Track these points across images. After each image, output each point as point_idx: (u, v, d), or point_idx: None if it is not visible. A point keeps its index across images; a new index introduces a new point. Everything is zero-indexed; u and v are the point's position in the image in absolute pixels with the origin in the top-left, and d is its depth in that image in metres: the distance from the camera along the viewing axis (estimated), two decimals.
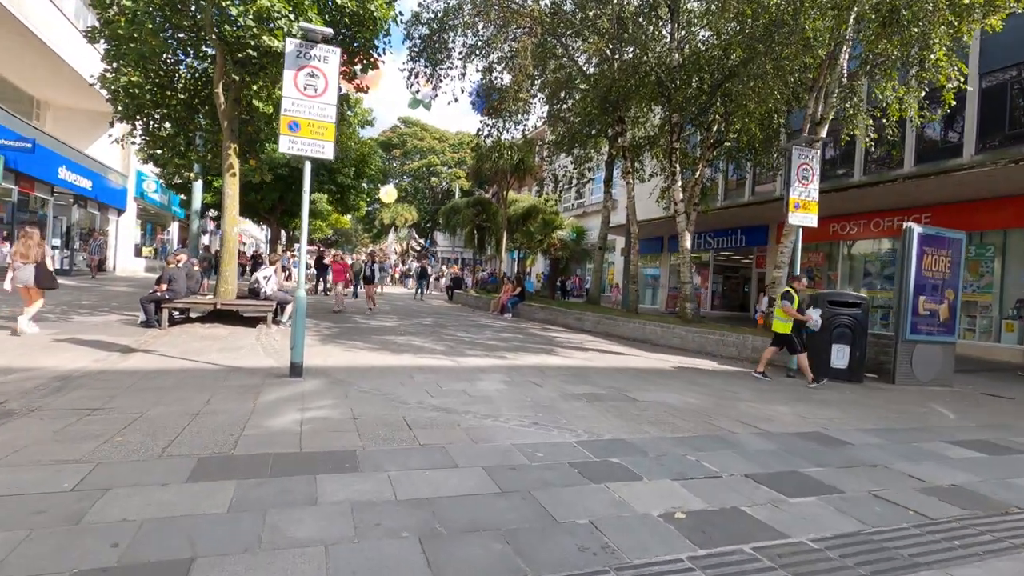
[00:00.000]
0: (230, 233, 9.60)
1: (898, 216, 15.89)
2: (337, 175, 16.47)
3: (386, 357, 7.66)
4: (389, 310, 16.45)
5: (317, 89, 6.00)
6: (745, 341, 10.43)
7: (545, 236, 19.06)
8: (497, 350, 9.08)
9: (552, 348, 9.87)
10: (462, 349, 8.91)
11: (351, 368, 6.70)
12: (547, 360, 8.35)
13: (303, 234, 6.06)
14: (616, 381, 6.95)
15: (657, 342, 11.91)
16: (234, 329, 9.15)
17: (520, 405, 5.28)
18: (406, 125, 52.27)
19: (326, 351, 7.84)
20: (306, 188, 6.03)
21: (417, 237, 54.80)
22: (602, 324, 13.60)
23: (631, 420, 4.97)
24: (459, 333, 11.27)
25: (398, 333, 10.57)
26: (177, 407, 4.51)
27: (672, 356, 10.08)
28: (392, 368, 6.87)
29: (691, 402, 5.97)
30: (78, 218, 20.25)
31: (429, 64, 12.79)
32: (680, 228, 12.20)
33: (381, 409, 4.77)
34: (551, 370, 7.45)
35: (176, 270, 8.85)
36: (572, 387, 6.33)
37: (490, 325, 13.65)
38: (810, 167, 8.66)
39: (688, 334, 11.39)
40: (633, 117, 14.45)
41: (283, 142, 5.86)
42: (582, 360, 8.64)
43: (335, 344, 8.58)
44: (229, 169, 9.58)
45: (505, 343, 10.12)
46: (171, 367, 6.18)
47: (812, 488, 3.53)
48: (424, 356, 7.95)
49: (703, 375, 8.04)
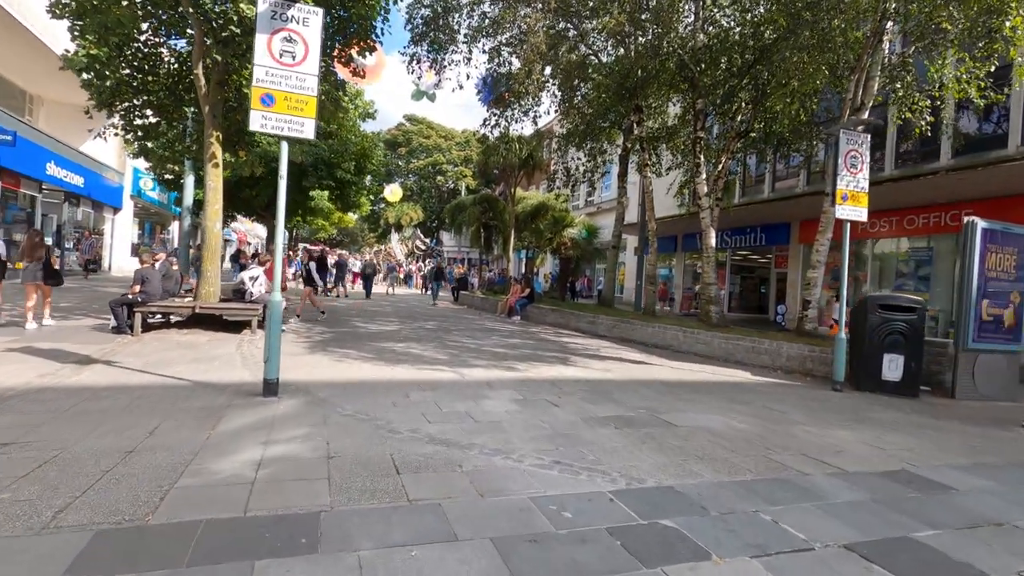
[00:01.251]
0: (212, 229, 8.73)
1: (934, 212, 14.81)
2: (336, 170, 15.60)
3: (380, 369, 6.75)
4: (391, 312, 15.57)
5: (295, 56, 5.09)
6: (779, 349, 9.44)
7: (555, 234, 18.10)
8: (506, 359, 8.15)
9: (566, 356, 8.92)
10: (467, 358, 7.99)
11: (338, 383, 5.80)
12: (562, 371, 7.41)
13: (278, 229, 5.15)
14: (644, 398, 6.00)
15: (679, 348, 10.94)
16: (215, 335, 8.28)
17: (536, 434, 4.35)
18: (412, 123, 51.48)
19: (312, 362, 6.93)
20: (282, 173, 5.13)
21: (422, 236, 54.03)
22: (618, 328, 12.64)
23: (674, 454, 4.03)
24: (464, 339, 10.35)
25: (397, 339, 9.67)
26: (111, 440, 3.61)
27: (698, 365, 9.11)
28: (386, 383, 5.95)
29: (738, 427, 5.02)
30: (68, 216, 19.50)
31: (432, 49, 11.89)
32: (704, 224, 11.22)
33: (365, 442, 3.86)
34: (568, 384, 6.51)
35: (150, 270, 7.98)
36: (595, 407, 5.39)
37: (497, 329, 12.72)
38: (859, 154, 7.68)
39: (714, 340, 10.41)
40: (651, 106, 13.46)
41: (254, 118, 4.96)
42: (601, 371, 7.70)
43: (324, 352, 7.68)
44: (212, 159, 8.72)
45: (514, 351, 9.19)
46: (128, 383, 5.29)
47: (944, 569, 2.58)
48: (424, 367, 7.03)
49: (741, 391, 7.07)
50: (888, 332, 7.81)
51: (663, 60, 10.78)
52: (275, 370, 5.04)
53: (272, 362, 5.01)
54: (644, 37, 10.88)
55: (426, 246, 51.10)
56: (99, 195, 21.52)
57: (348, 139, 15.99)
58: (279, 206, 5.10)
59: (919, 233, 15.38)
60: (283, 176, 5.09)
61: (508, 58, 11.77)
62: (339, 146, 15.49)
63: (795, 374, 8.93)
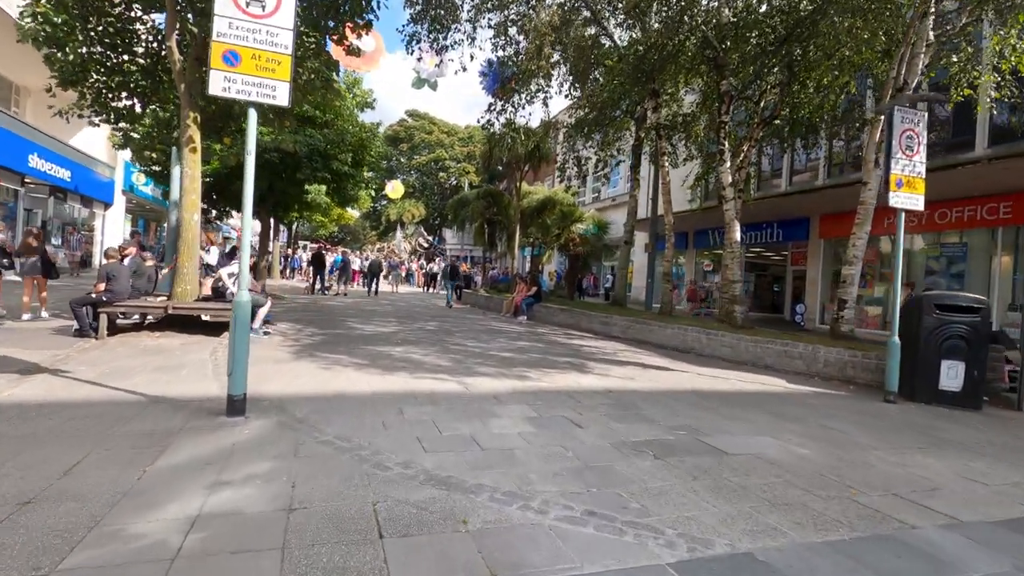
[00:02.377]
0: (189, 221, 7.88)
1: (968, 205, 13.85)
2: (333, 161, 14.74)
3: (372, 378, 5.89)
4: (390, 312, 14.71)
5: (265, 7, 4.23)
6: (815, 354, 8.54)
7: (563, 230, 17.21)
8: (514, 365, 7.28)
9: (581, 362, 8.05)
10: (471, 365, 7.12)
11: (321, 397, 4.94)
12: (579, 380, 6.54)
13: (245, 219, 4.29)
14: (678, 414, 5.13)
15: (701, 352, 10.06)
16: (190, 339, 7.43)
17: (559, 467, 3.48)
18: (414, 118, 50.62)
19: (295, 369, 6.07)
20: (249, 148, 4.26)
21: (425, 234, 53.24)
22: (633, 329, 11.76)
23: (738, 499, 3.15)
24: (468, 342, 9.48)
25: (394, 342, 8.81)
26: (9, 484, 2.76)
27: (726, 371, 8.22)
28: (377, 397, 5.08)
29: (799, 453, 4.14)
30: (55, 212, 18.70)
31: (433, 29, 11.01)
32: (728, 218, 10.32)
33: (342, 484, 2.99)
34: (588, 396, 5.63)
35: (117, 267, 7.14)
36: (624, 427, 4.52)
37: (503, 331, 11.85)
38: (916, 134, 6.79)
39: (740, 343, 9.52)
40: (668, 91, 12.53)
41: (215, 80, 4.10)
42: (622, 379, 6.82)
43: (312, 358, 6.82)
44: (189, 143, 7.86)
45: (523, 355, 8.32)
46: (69, 399, 4.44)
47: None
48: (423, 375, 6.17)
49: (783, 403, 6.18)
50: (947, 336, 6.91)
51: (684, 37, 9.88)
52: (241, 384, 4.18)
53: (237, 375, 4.15)
54: (664, 11, 9.96)
55: (428, 243, 50.29)
56: (88, 190, 20.71)
57: (345, 129, 15.13)
58: (246, 190, 4.24)
59: (951, 228, 14.43)
60: (250, 152, 4.22)
61: (515, 36, 10.86)
62: (335, 136, 14.63)
63: (834, 381, 8.05)
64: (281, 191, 15.24)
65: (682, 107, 13.71)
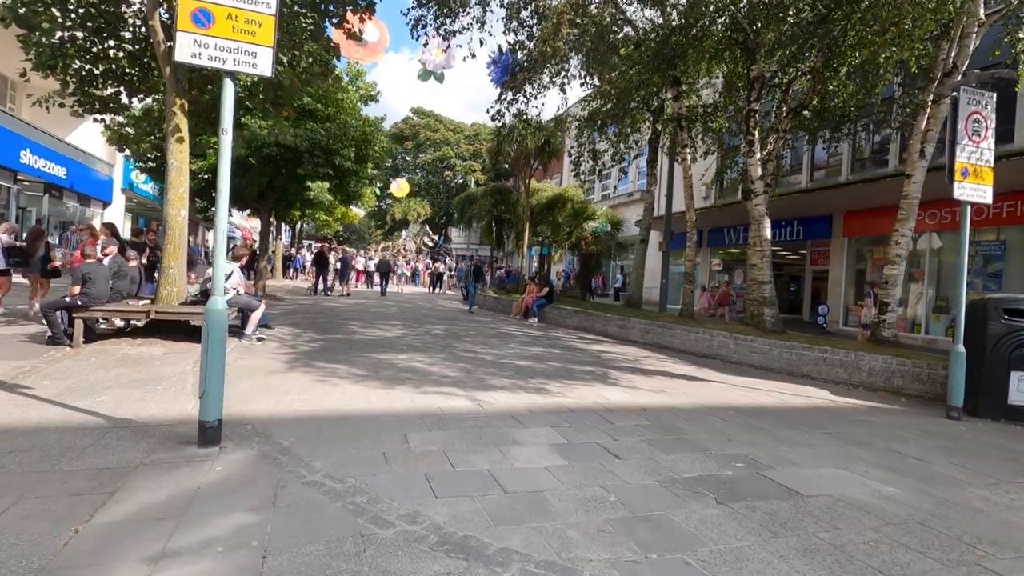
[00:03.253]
0: (176, 217, 7.22)
1: (1008, 200, 13.03)
2: (335, 156, 14.07)
3: (373, 393, 5.20)
4: (395, 314, 14.05)
5: None
6: (858, 362, 7.80)
7: (575, 228, 16.48)
8: (532, 375, 6.58)
9: (604, 371, 7.34)
10: (483, 375, 6.42)
11: (312, 418, 4.25)
12: (605, 394, 5.83)
13: (219, 208, 3.61)
14: (727, 438, 4.42)
15: (729, 358, 9.33)
16: (175, 347, 6.77)
17: (602, 519, 2.78)
18: (419, 116, 49.98)
19: (287, 383, 5.39)
20: (225, 126, 3.57)
21: (431, 233, 52.64)
22: (653, 333, 11.04)
23: (837, 566, 2.44)
24: (478, 348, 8.79)
25: (398, 348, 8.13)
26: None
27: (762, 381, 7.50)
28: (378, 418, 4.40)
29: (888, 493, 3.41)
30: (50, 210, 18.15)
31: (441, 14, 10.32)
32: (758, 213, 9.57)
33: (328, 552, 2.30)
34: (620, 415, 4.93)
35: (94, 268, 6.48)
36: (672, 459, 3.81)
37: (515, 334, 11.16)
38: (983, 117, 6.04)
39: (772, 349, 8.78)
40: (692, 76, 11.77)
41: (183, 44, 3.42)
42: (653, 392, 6.11)
43: (306, 368, 6.14)
44: (175, 133, 7.20)
45: (540, 363, 7.61)
46: (18, 423, 3.78)
47: None
48: (430, 389, 5.48)
49: (840, 420, 5.45)
50: (1018, 344, 6.15)
51: (710, 20, 9.15)
52: (215, 409, 3.50)
53: (211, 398, 3.48)
54: None
55: (434, 242, 49.68)
56: (86, 188, 20.17)
57: (347, 122, 14.46)
58: (221, 176, 3.55)
59: (988, 224, 13.61)
60: (226, 131, 3.53)
61: (529, 18, 10.13)
62: (337, 130, 13.96)
63: (881, 392, 7.32)
64: (281, 188, 14.60)
65: (701, 98, 12.94)
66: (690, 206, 11.87)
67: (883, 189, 14.38)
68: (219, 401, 3.52)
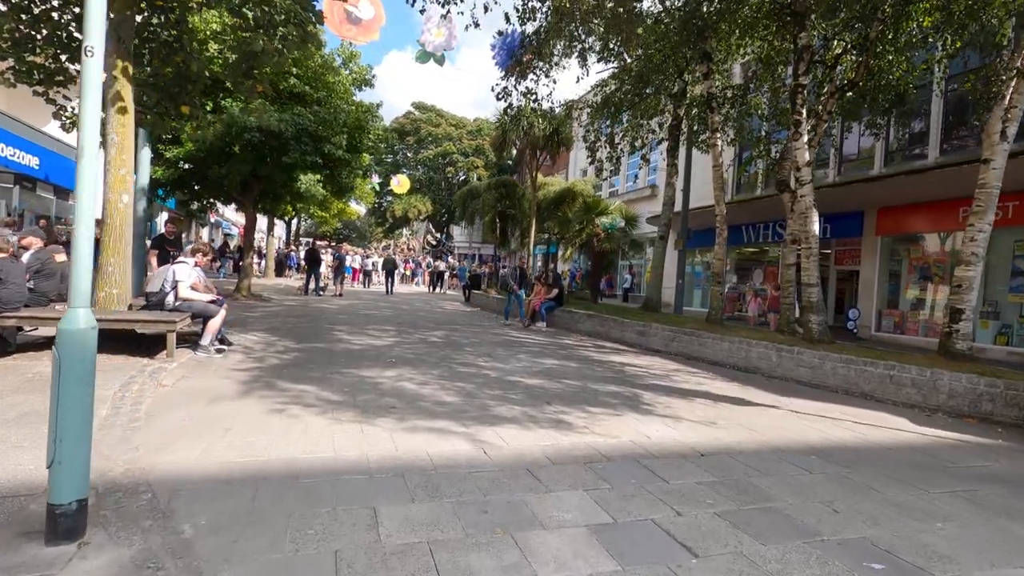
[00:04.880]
0: (117, 204, 5.98)
1: None
2: (324, 144, 12.82)
3: (342, 431, 3.94)
4: (389, 317, 12.80)
5: None
6: (935, 381, 6.52)
7: (585, 224, 15.21)
8: (547, 399, 5.32)
9: (633, 392, 6.06)
10: (488, 400, 5.16)
11: (247, 478, 2.99)
12: (644, 428, 4.56)
13: (81, 177, 2.34)
14: (831, 505, 3.15)
15: (772, 372, 8.06)
16: (108, 362, 5.52)
17: None
18: (420, 111, 48.73)
19: (233, 414, 4.13)
20: (90, 44, 2.30)
21: (434, 231, 51.45)
22: (678, 342, 9.76)
23: None
24: (480, 360, 7.53)
25: (387, 362, 6.86)
26: None
27: (821, 404, 6.22)
28: (340, 475, 3.14)
29: None
30: (20, 203, 16.92)
31: None
32: (805, 205, 8.28)
33: None
34: (671, 465, 3.66)
35: (8, 264, 5.23)
36: (771, 552, 2.54)
37: (522, 342, 9.89)
38: None
39: (824, 363, 7.50)
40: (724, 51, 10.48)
41: None
42: (701, 424, 4.84)
43: (265, 392, 4.87)
44: (115, 101, 5.96)
45: (555, 381, 6.35)
46: None
47: None
48: (419, 423, 4.22)
49: (952, 467, 4.16)
50: None
51: None
52: (75, 484, 2.24)
53: (66, 468, 2.21)
54: None
55: (437, 240, 48.46)
56: (61, 179, 18.90)
57: (338, 107, 13.20)
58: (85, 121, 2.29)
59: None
60: (92, 51, 2.26)
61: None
62: (327, 115, 12.72)
63: (967, 419, 6.06)
64: (267, 178, 13.35)
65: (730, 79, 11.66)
66: (720, 198, 10.59)
67: (922, 183, 13.09)
68: (80, 473, 2.27)
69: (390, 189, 41.62)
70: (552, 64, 11.41)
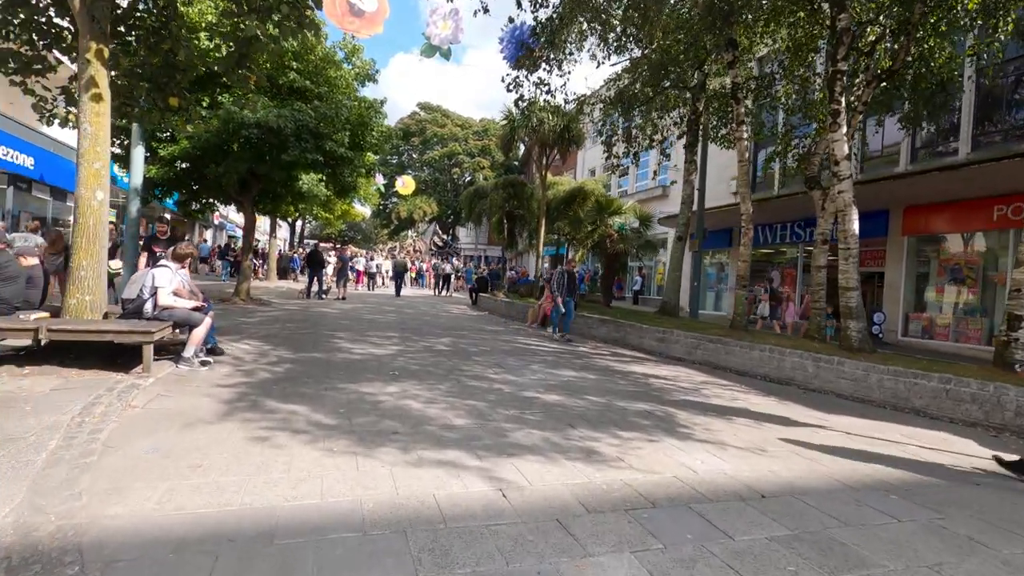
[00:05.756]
0: (89, 201, 5.39)
1: None
2: (325, 141, 12.24)
3: (334, 464, 3.31)
4: (392, 322, 12.21)
5: None
6: (1000, 396, 5.85)
7: (597, 224, 14.56)
8: (570, 421, 4.69)
9: (664, 409, 5.41)
10: (504, 423, 4.53)
11: (204, 539, 2.37)
12: (687, 459, 3.92)
13: None
14: (939, 571, 2.50)
15: (808, 384, 7.40)
16: (76, 378, 4.92)
17: None
18: (426, 111, 48.23)
19: (208, 444, 3.51)
20: None
21: (440, 232, 50.94)
22: (702, 350, 9.10)
23: None
24: (491, 372, 6.90)
25: (389, 374, 6.24)
26: None
27: (871, 422, 5.56)
28: (326, 532, 2.51)
29: None
30: (15, 204, 16.46)
31: None
32: (844, 202, 7.62)
33: None
34: (731, 512, 3.02)
35: None
36: None
37: (535, 350, 9.26)
38: None
39: (869, 375, 6.83)
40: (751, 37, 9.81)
41: None
42: (750, 452, 4.19)
43: (249, 414, 4.26)
44: (88, 87, 5.38)
45: (576, 396, 5.71)
46: None
47: None
48: (425, 454, 3.59)
49: None
50: None
51: None
52: None
53: None
54: None
55: (444, 242, 47.93)
56: (58, 180, 18.50)
57: (340, 102, 12.62)
58: None
59: None
60: None
61: None
62: (328, 110, 12.14)
63: None
64: (266, 177, 12.78)
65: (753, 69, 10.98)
66: (745, 195, 9.93)
67: (956, 179, 12.38)
68: None
69: (395, 190, 41.12)
70: (565, 55, 10.80)
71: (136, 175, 11.70)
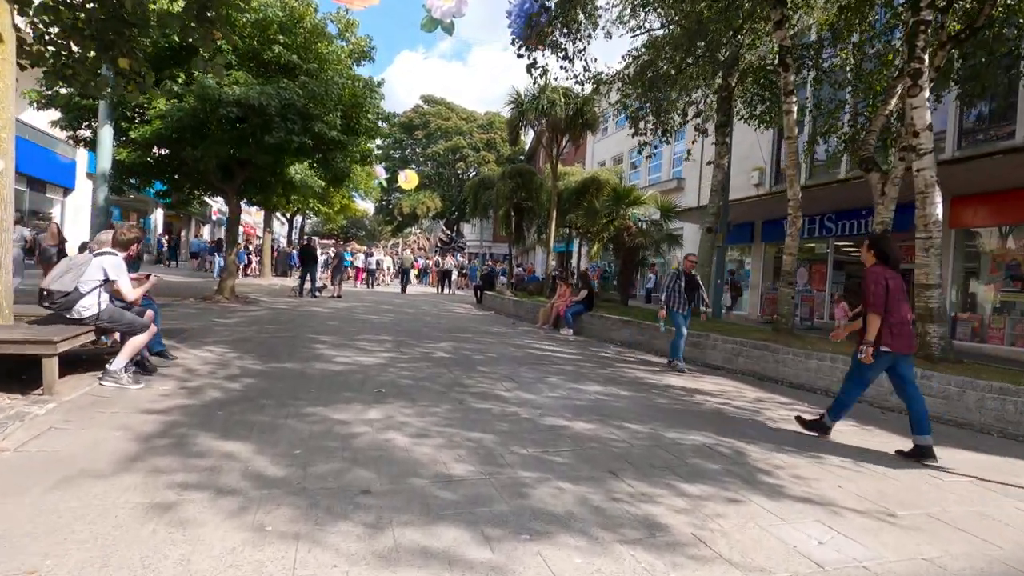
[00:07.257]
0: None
1: None
2: (315, 122, 11.00)
3: (254, 560, 2.07)
4: (388, 323, 10.97)
5: None
6: None
7: (614, 216, 13.27)
8: (611, 465, 3.43)
9: (730, 445, 4.14)
10: (521, 472, 3.27)
11: None
12: (795, 539, 2.65)
13: None
14: None
15: (883, 403, 6.12)
16: None
17: None
18: (429, 104, 46.97)
19: (83, 517, 2.26)
20: None
21: (444, 228, 49.73)
22: (744, 357, 7.82)
23: None
24: (501, 387, 5.63)
25: (373, 392, 4.99)
26: None
27: (993, 457, 4.28)
28: None
29: None
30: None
31: None
32: (926, 181, 6.31)
33: None
34: None
35: None
36: None
37: (550, 357, 8.00)
38: None
39: (965, 393, 5.55)
40: None
41: None
42: (881, 523, 2.92)
43: (164, 459, 3.01)
44: None
45: (610, 423, 4.44)
46: None
47: None
48: (404, 538, 2.34)
49: None
50: None
51: None
52: None
53: None
54: None
55: (449, 237, 46.73)
56: (40, 172, 17.51)
57: (330, 79, 11.36)
58: None
59: None
60: None
61: None
62: (318, 88, 10.90)
63: None
64: (251, 163, 11.56)
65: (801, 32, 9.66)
66: (794, 179, 8.60)
67: (1014, 164, 11.06)
68: None
69: (398, 185, 39.91)
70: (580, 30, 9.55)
71: (104, 158, 10.51)
